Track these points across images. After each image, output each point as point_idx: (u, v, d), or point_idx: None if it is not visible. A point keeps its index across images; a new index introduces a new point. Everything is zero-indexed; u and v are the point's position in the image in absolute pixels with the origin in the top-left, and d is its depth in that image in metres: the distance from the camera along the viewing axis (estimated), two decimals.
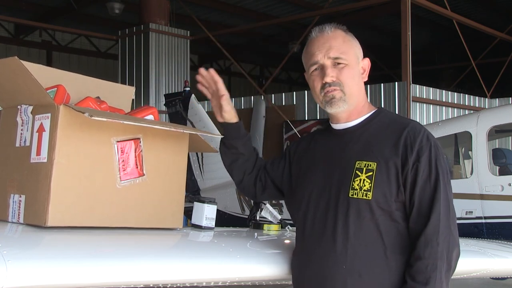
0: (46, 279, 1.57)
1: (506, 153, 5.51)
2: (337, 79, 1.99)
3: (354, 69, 2.03)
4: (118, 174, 2.20)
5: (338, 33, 2.05)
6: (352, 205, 1.88)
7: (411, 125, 1.96)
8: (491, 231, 4.85)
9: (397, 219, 1.88)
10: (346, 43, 2.04)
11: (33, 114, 2.14)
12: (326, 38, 2.03)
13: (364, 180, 1.88)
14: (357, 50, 2.07)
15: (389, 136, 1.94)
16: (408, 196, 1.87)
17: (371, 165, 1.89)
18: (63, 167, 2.03)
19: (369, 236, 1.87)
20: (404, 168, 1.87)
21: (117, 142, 2.20)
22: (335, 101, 1.99)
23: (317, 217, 1.96)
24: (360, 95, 2.06)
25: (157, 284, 1.87)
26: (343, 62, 2.00)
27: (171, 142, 2.39)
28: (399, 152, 1.88)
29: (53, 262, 1.62)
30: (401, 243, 1.87)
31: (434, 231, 1.81)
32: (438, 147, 1.92)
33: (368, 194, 1.86)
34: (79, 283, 1.66)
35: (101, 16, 17.14)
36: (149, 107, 2.58)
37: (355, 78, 2.03)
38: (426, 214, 1.83)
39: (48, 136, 2.06)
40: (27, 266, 1.55)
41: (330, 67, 1.99)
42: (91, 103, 2.30)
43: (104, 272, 1.71)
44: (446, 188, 1.87)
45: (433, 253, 1.79)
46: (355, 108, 2.04)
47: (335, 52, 2.00)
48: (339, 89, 1.99)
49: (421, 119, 10.66)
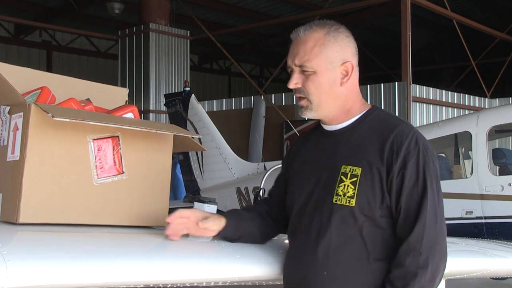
0: (46, 279, 1.57)
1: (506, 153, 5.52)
2: (302, 86, 1.92)
3: (323, 77, 1.90)
4: (94, 171, 2.21)
5: (311, 37, 1.91)
6: (336, 211, 1.84)
7: (399, 128, 1.86)
8: (491, 231, 4.85)
9: (382, 225, 1.83)
10: (317, 48, 1.90)
11: (9, 114, 2.17)
12: (297, 42, 1.94)
13: (348, 186, 1.83)
14: (334, 54, 1.91)
15: (376, 140, 1.86)
16: (394, 203, 1.81)
17: (356, 170, 1.83)
18: (34, 164, 2.06)
19: (351, 243, 1.83)
20: (389, 174, 1.80)
21: (93, 140, 2.22)
22: (303, 110, 1.95)
23: (303, 222, 1.93)
24: (336, 102, 1.94)
25: (157, 284, 1.88)
26: (308, 70, 1.90)
27: (153, 141, 2.40)
28: (384, 157, 1.81)
29: (54, 262, 1.62)
30: (385, 249, 1.82)
31: (418, 239, 1.75)
32: (428, 151, 1.84)
33: (351, 201, 1.82)
34: (79, 283, 1.66)
35: (101, 16, 17.15)
36: (129, 105, 2.58)
37: (323, 87, 1.91)
38: (412, 222, 1.78)
39: (20, 134, 2.08)
40: (27, 266, 1.55)
41: (296, 73, 1.93)
42: (74, 104, 2.32)
43: (104, 272, 1.71)
44: (435, 195, 1.81)
45: (414, 262, 1.74)
46: (336, 114, 1.96)
47: (299, 59, 1.91)
48: (304, 98, 1.93)
49: (421, 119, 10.67)
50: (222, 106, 13.09)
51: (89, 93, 2.62)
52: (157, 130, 2.37)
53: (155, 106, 13.66)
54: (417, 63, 14.34)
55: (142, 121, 2.76)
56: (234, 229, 2.07)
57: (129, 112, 2.50)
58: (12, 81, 2.16)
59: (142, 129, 2.29)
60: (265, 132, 11.79)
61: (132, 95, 13.29)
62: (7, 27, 19.20)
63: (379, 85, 10.61)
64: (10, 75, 2.21)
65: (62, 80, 2.64)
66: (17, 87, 2.16)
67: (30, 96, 2.32)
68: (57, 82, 2.52)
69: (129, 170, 2.32)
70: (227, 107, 12.96)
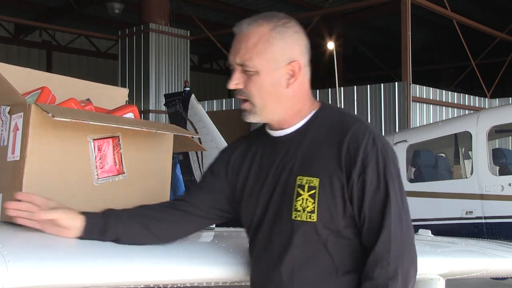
0: (46, 279, 1.57)
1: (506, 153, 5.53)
2: (244, 87, 1.72)
3: (266, 77, 1.70)
4: (95, 171, 2.21)
5: (255, 32, 1.72)
6: (296, 228, 1.68)
7: (353, 129, 1.68)
8: (491, 231, 4.86)
9: (347, 236, 1.69)
10: (261, 45, 1.70)
11: (10, 114, 2.18)
12: (239, 38, 1.74)
13: (306, 199, 1.67)
14: (279, 52, 1.70)
15: (330, 145, 1.69)
16: (356, 212, 1.66)
17: (313, 181, 1.67)
18: (34, 164, 2.06)
19: (317, 259, 1.69)
20: (349, 182, 1.64)
21: (93, 140, 2.22)
22: (246, 114, 1.75)
23: (263, 241, 1.77)
24: (282, 105, 1.74)
25: (157, 284, 1.88)
26: (249, 70, 1.70)
27: (153, 141, 2.40)
28: (342, 164, 1.65)
29: (54, 262, 1.63)
30: (354, 260, 1.69)
31: (385, 249, 1.62)
32: (387, 150, 1.68)
33: (312, 216, 1.66)
34: (80, 283, 1.66)
35: (101, 16, 17.17)
36: (129, 105, 2.58)
37: (266, 88, 1.70)
38: (376, 231, 1.64)
39: (21, 134, 2.09)
40: (27, 266, 1.55)
41: (237, 72, 1.73)
42: (74, 104, 2.32)
43: (105, 272, 1.71)
44: (398, 198, 1.66)
45: (383, 273, 1.60)
46: (282, 118, 1.76)
47: (240, 58, 1.71)
48: (248, 101, 1.73)
49: (421, 119, 10.68)
50: (222, 106, 13.10)
51: (89, 93, 2.62)
52: (157, 130, 2.38)
53: (155, 106, 13.68)
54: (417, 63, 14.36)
55: (142, 121, 2.76)
56: (100, 228, 1.81)
57: (129, 112, 2.51)
58: (12, 81, 2.16)
59: (142, 129, 2.29)
60: None
61: (132, 95, 13.30)
62: (7, 27, 19.22)
63: (379, 85, 10.62)
64: (10, 75, 2.21)
65: (62, 80, 2.64)
66: (17, 87, 2.16)
67: (30, 96, 2.33)
68: (57, 82, 2.53)
69: (129, 170, 2.32)
70: (227, 107, 12.96)
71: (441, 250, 2.69)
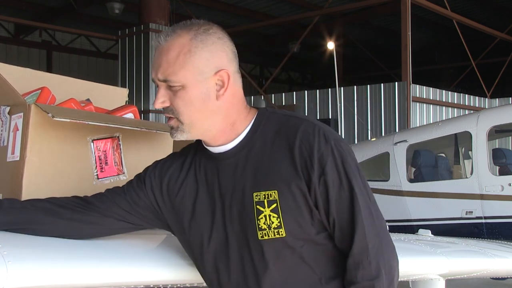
0: (46, 279, 1.57)
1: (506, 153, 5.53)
2: (170, 104, 1.58)
3: (193, 91, 1.56)
4: (95, 172, 2.22)
5: (175, 43, 1.56)
6: (267, 247, 1.56)
7: (301, 130, 1.57)
8: (491, 231, 4.86)
9: (322, 242, 1.60)
10: (182, 57, 1.55)
11: (9, 115, 2.18)
12: (159, 52, 1.58)
13: (269, 215, 1.55)
14: (204, 63, 1.57)
15: (281, 151, 1.57)
16: (324, 216, 1.56)
17: (272, 194, 1.55)
18: (34, 164, 2.06)
19: (297, 274, 1.59)
20: (310, 187, 1.53)
21: (93, 141, 2.23)
22: (173, 132, 1.62)
23: (231, 269, 1.63)
24: (214, 118, 1.61)
25: (157, 284, 1.88)
26: (174, 85, 1.56)
27: (153, 141, 2.40)
28: (299, 169, 1.54)
29: (54, 262, 1.63)
30: (334, 265, 1.61)
31: (362, 249, 1.53)
32: (341, 144, 1.58)
33: (280, 232, 1.54)
34: (80, 283, 1.66)
35: (101, 16, 17.19)
36: (129, 105, 2.59)
37: (195, 103, 1.57)
38: (349, 231, 1.55)
39: (21, 134, 2.09)
40: (27, 266, 1.55)
41: (162, 89, 1.58)
42: (73, 104, 2.33)
43: (105, 273, 1.71)
44: (363, 192, 1.57)
45: (366, 274, 1.53)
46: (217, 132, 1.63)
47: (162, 74, 1.56)
48: (174, 118, 1.59)
49: (421, 119, 10.68)
50: None
51: (89, 93, 2.63)
52: (157, 130, 2.38)
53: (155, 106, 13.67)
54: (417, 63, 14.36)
55: (142, 121, 2.76)
56: None
57: (129, 112, 2.51)
58: (12, 81, 2.16)
59: (142, 129, 2.30)
60: None
61: (132, 95, 13.31)
62: (7, 27, 19.22)
63: (379, 85, 10.63)
64: (10, 75, 2.22)
65: (62, 80, 2.65)
66: (17, 87, 2.16)
67: (30, 96, 2.33)
68: (57, 82, 2.53)
69: (129, 171, 2.32)
70: None
71: (441, 250, 2.69)
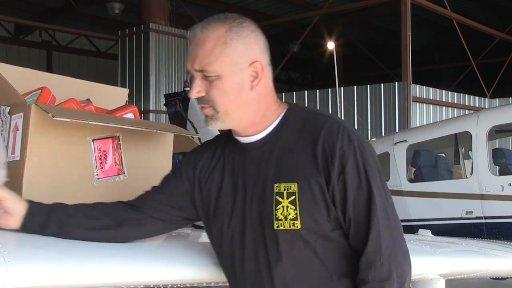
0: (46, 280, 1.57)
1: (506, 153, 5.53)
2: (206, 94, 1.63)
3: (229, 81, 1.62)
4: (95, 172, 2.22)
5: (211, 35, 1.62)
6: (281, 238, 1.60)
7: (326, 127, 1.61)
8: (491, 231, 4.86)
9: (336, 239, 1.62)
10: (218, 49, 1.61)
11: (10, 114, 2.18)
12: (195, 43, 1.64)
13: (287, 207, 1.59)
14: (239, 54, 1.63)
15: (304, 147, 1.62)
16: (341, 214, 1.59)
17: (292, 187, 1.60)
18: (34, 164, 2.06)
19: (309, 268, 1.62)
20: (329, 183, 1.57)
21: (93, 141, 2.23)
22: (208, 120, 1.67)
23: (246, 257, 1.67)
24: (247, 109, 1.66)
25: (157, 284, 1.88)
26: (210, 75, 1.61)
27: (153, 141, 2.40)
28: (320, 165, 1.58)
29: (54, 262, 1.63)
30: (347, 263, 1.63)
31: (376, 249, 1.56)
32: (363, 145, 1.62)
33: (295, 223, 1.58)
34: (80, 283, 1.66)
35: (101, 16, 17.19)
36: (129, 105, 2.59)
37: (230, 93, 1.62)
38: (364, 231, 1.58)
39: (21, 134, 2.09)
40: (27, 267, 1.55)
41: (198, 79, 1.64)
42: (74, 104, 2.33)
43: (105, 272, 1.71)
44: (382, 193, 1.60)
45: (377, 275, 1.55)
46: (249, 123, 1.68)
47: (198, 64, 1.62)
48: (209, 107, 1.64)
49: (421, 119, 10.68)
50: None
51: (89, 93, 2.63)
52: (157, 130, 2.38)
53: (155, 106, 13.68)
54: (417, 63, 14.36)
55: (142, 121, 2.76)
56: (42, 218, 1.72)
57: (129, 112, 2.51)
58: (12, 81, 2.16)
59: (142, 129, 2.30)
60: None
61: (132, 95, 13.30)
62: (7, 27, 19.22)
63: (379, 85, 10.62)
64: (10, 75, 2.22)
65: (62, 80, 2.65)
66: (17, 87, 2.16)
67: (30, 96, 2.33)
68: (57, 82, 2.53)
69: (130, 170, 2.32)
70: None
71: (441, 250, 2.68)
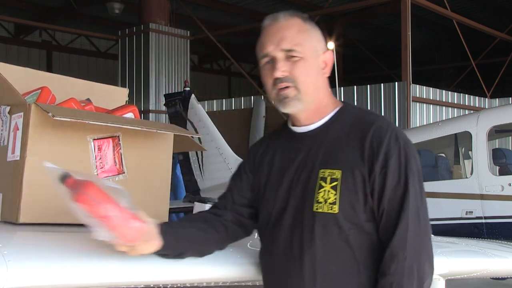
0: (46, 279, 1.57)
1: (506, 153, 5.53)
2: (289, 74, 1.73)
3: (311, 63, 1.76)
4: (95, 171, 2.22)
5: (294, 22, 1.77)
6: (318, 220, 1.68)
7: (376, 124, 1.73)
8: (491, 231, 4.86)
9: (369, 231, 1.70)
10: (302, 34, 1.76)
11: (10, 114, 2.18)
12: (279, 27, 1.76)
13: (328, 191, 1.68)
14: (316, 42, 1.79)
15: (353, 139, 1.73)
16: (376, 205, 1.68)
17: (336, 173, 1.69)
18: (35, 164, 2.07)
19: (339, 253, 1.69)
20: (371, 175, 1.67)
21: (93, 140, 2.23)
22: (289, 101, 1.75)
23: (283, 236, 1.76)
24: (319, 93, 1.80)
25: (157, 284, 1.88)
26: (297, 55, 1.73)
27: (153, 141, 2.40)
28: (365, 157, 1.68)
29: (54, 262, 1.63)
30: (374, 256, 1.69)
31: (401, 244, 1.62)
32: (409, 147, 1.72)
33: (333, 208, 1.67)
34: (80, 283, 1.66)
35: (101, 16, 17.17)
36: (129, 105, 2.59)
37: (311, 74, 1.76)
38: (393, 225, 1.65)
39: (21, 134, 2.09)
40: (27, 266, 1.56)
41: (282, 60, 1.74)
42: (74, 104, 2.33)
43: (105, 272, 1.71)
44: (417, 194, 1.69)
45: (399, 268, 1.61)
46: (315, 108, 1.80)
47: (287, 44, 1.73)
48: (292, 86, 1.74)
49: (421, 119, 10.67)
50: (222, 106, 13.09)
51: (89, 93, 2.63)
52: (157, 130, 2.38)
53: (155, 106, 13.67)
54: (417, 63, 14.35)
55: (143, 121, 2.76)
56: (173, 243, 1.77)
57: (129, 112, 2.51)
58: (12, 81, 2.16)
59: (142, 128, 2.30)
60: (265, 132, 11.80)
61: (132, 95, 13.30)
62: (7, 27, 19.21)
63: (379, 85, 10.61)
64: (10, 75, 2.22)
65: (62, 80, 2.65)
66: (17, 87, 2.16)
67: (30, 96, 2.33)
68: (57, 82, 2.53)
69: (130, 170, 2.32)
70: (227, 107, 12.96)
71: (441, 250, 2.69)
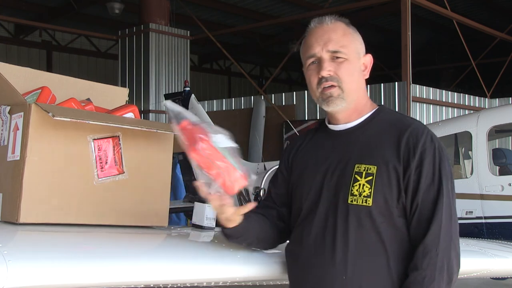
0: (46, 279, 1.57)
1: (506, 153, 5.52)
2: (334, 73, 1.85)
3: (354, 65, 1.88)
4: (95, 171, 2.23)
5: (339, 25, 1.90)
6: (352, 212, 1.77)
7: (413, 126, 1.84)
8: (491, 231, 4.85)
9: (400, 226, 1.78)
10: (347, 37, 1.89)
11: (10, 114, 2.18)
12: (325, 30, 1.89)
13: (363, 185, 1.77)
14: (358, 45, 1.93)
15: (390, 138, 1.82)
16: (409, 202, 1.76)
17: (371, 168, 1.77)
18: (35, 164, 2.07)
19: (370, 245, 1.76)
20: (406, 172, 1.76)
21: (93, 140, 2.23)
22: (333, 99, 1.86)
23: (315, 225, 1.85)
24: (360, 93, 1.92)
25: (157, 284, 1.88)
26: (342, 56, 1.86)
27: (153, 141, 2.41)
28: (401, 155, 1.77)
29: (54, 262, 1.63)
30: (405, 252, 1.76)
31: (434, 240, 1.70)
32: (443, 149, 1.82)
33: (368, 200, 1.75)
34: (80, 283, 1.66)
35: (101, 16, 17.15)
36: (129, 105, 2.60)
37: (354, 74, 1.88)
38: (427, 222, 1.73)
39: (21, 134, 2.09)
40: (27, 266, 1.56)
41: (327, 61, 1.86)
42: (74, 103, 2.33)
43: (105, 272, 1.71)
44: (449, 194, 1.77)
45: (431, 263, 1.68)
46: (354, 107, 1.91)
47: (334, 45, 1.86)
48: (336, 85, 1.85)
49: (421, 119, 10.66)
50: (222, 106, 13.09)
51: (89, 93, 2.63)
52: (157, 130, 2.38)
53: (155, 106, 13.67)
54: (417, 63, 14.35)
55: (143, 121, 2.77)
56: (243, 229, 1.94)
57: (129, 112, 2.51)
58: (12, 81, 2.17)
59: (142, 128, 2.30)
60: (265, 132, 11.80)
61: (132, 95, 13.29)
62: (7, 27, 19.20)
63: (379, 85, 10.61)
64: (10, 75, 2.22)
65: (62, 80, 2.65)
66: (17, 87, 2.16)
67: (31, 96, 2.33)
68: (57, 82, 2.54)
69: (130, 170, 2.32)
70: (227, 107, 12.96)
71: None
